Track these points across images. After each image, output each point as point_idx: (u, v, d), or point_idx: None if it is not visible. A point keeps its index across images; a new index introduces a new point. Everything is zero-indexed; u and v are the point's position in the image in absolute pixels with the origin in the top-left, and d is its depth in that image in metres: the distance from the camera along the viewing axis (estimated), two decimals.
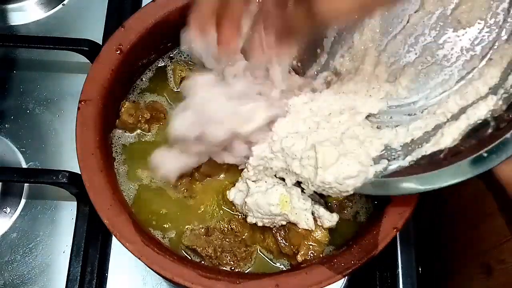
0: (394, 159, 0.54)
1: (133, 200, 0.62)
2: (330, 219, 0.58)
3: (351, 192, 0.53)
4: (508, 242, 0.60)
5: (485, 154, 0.46)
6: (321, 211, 0.58)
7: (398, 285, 0.69)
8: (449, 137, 0.51)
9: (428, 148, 0.52)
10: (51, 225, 0.72)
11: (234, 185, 0.61)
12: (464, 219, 0.71)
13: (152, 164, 0.60)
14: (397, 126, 0.56)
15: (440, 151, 0.51)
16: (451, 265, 0.74)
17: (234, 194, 0.60)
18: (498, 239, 0.61)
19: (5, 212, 0.72)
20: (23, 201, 0.73)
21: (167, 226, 0.61)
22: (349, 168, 0.52)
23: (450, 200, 0.75)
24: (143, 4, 0.83)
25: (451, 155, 0.50)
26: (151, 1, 0.63)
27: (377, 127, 0.57)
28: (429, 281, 0.75)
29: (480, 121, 0.50)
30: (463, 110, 0.52)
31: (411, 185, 0.51)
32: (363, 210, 0.62)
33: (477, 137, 0.49)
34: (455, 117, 0.52)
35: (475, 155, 0.47)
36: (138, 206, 0.61)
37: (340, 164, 0.52)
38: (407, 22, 0.56)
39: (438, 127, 0.53)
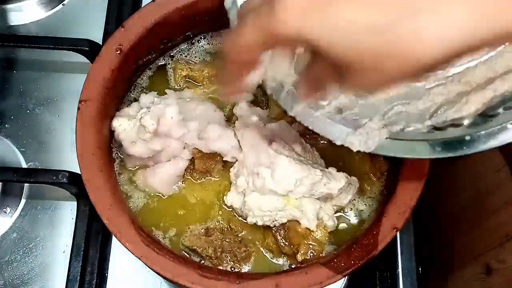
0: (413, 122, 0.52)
1: (133, 200, 0.62)
2: (333, 217, 0.59)
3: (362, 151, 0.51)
4: (508, 242, 0.60)
5: (510, 126, 0.45)
6: (327, 207, 0.58)
7: (398, 285, 0.69)
8: (472, 105, 0.49)
9: (449, 114, 0.50)
10: (51, 225, 0.72)
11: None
12: (464, 219, 0.71)
13: (142, 186, 0.62)
14: None
15: (462, 118, 0.49)
16: (451, 265, 0.74)
17: (231, 198, 0.60)
18: (498, 239, 0.62)
19: (5, 212, 0.72)
20: (23, 201, 0.73)
21: (167, 226, 0.61)
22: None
23: (450, 200, 0.75)
24: (143, 4, 0.83)
25: (473, 123, 0.48)
26: (151, 1, 0.63)
27: None
28: (429, 281, 0.75)
29: (508, 93, 0.48)
30: (490, 81, 0.50)
31: (425, 148, 0.49)
32: (363, 209, 0.62)
33: (503, 107, 0.47)
34: (480, 86, 0.50)
35: (498, 126, 0.45)
36: (138, 206, 0.61)
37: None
38: None
39: (461, 95, 0.51)
